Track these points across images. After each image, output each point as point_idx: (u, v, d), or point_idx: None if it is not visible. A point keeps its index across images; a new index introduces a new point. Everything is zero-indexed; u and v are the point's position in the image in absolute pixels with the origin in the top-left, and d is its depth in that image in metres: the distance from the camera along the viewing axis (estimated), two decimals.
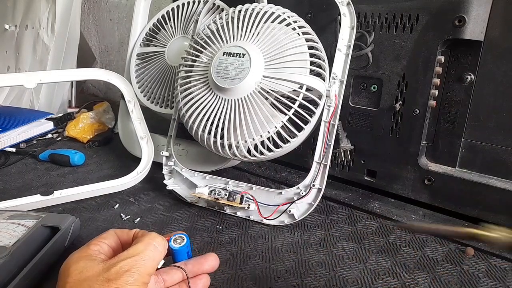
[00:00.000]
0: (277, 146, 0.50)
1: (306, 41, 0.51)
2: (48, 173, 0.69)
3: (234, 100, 0.49)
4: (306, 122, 0.50)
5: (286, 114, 0.49)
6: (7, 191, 0.61)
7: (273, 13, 0.51)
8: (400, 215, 0.53)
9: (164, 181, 0.58)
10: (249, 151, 0.50)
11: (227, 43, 0.52)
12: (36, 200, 0.54)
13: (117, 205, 0.56)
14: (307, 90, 0.48)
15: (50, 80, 0.69)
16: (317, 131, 0.51)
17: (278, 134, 0.50)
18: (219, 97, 0.50)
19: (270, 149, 0.50)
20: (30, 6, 1.09)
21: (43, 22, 1.05)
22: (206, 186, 0.53)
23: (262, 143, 0.50)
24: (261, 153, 0.50)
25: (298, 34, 0.51)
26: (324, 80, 0.51)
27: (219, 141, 0.51)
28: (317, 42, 0.52)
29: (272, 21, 0.51)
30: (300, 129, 0.50)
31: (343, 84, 0.51)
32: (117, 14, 1.30)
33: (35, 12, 1.07)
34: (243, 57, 0.49)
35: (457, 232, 0.24)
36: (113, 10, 1.30)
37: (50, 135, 0.88)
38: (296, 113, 0.49)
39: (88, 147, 0.82)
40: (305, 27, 0.52)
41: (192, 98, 0.53)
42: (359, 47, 0.53)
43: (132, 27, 0.77)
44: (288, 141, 0.50)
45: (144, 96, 0.72)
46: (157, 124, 0.72)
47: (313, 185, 0.50)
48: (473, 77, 0.49)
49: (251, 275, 0.41)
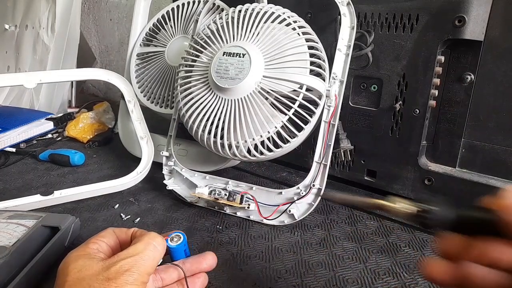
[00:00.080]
0: (277, 146, 0.50)
1: (306, 41, 0.51)
2: (48, 173, 0.69)
3: (234, 100, 0.49)
4: (306, 122, 0.50)
5: (286, 114, 0.49)
6: (7, 191, 0.61)
7: (273, 13, 0.51)
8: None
9: (164, 181, 0.58)
10: (249, 151, 0.50)
11: (227, 43, 0.52)
12: (36, 200, 0.54)
13: (117, 205, 0.56)
14: (307, 90, 0.48)
15: (50, 80, 0.69)
16: (317, 131, 0.51)
17: (278, 134, 0.50)
18: (219, 97, 0.50)
19: (270, 149, 0.50)
20: (30, 6, 1.09)
21: (43, 22, 1.04)
22: (206, 186, 0.53)
23: (262, 143, 0.50)
24: (261, 153, 0.50)
25: (298, 34, 0.51)
26: (324, 80, 0.51)
27: (219, 141, 0.51)
28: (317, 42, 0.52)
29: (272, 21, 0.51)
30: (300, 129, 0.50)
31: (343, 84, 0.51)
32: (117, 14, 1.30)
33: (35, 12, 1.07)
34: (243, 57, 0.49)
35: (367, 203, 0.26)
36: (113, 10, 1.30)
37: (50, 135, 0.88)
38: (296, 113, 0.49)
39: (88, 147, 0.81)
40: (305, 27, 0.52)
41: (192, 98, 0.53)
42: (359, 47, 0.53)
43: (132, 27, 0.77)
44: (288, 141, 0.50)
45: (144, 96, 0.72)
46: (157, 124, 0.72)
47: (313, 185, 0.50)
48: (473, 77, 0.49)
49: (251, 275, 0.41)
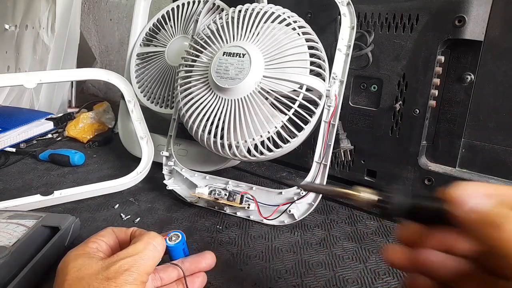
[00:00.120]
0: (277, 146, 0.50)
1: (306, 41, 0.51)
2: (48, 173, 0.69)
3: (234, 100, 0.49)
4: (306, 122, 0.50)
5: (286, 114, 0.49)
6: (7, 191, 0.61)
7: (273, 13, 0.51)
8: None
9: (164, 181, 0.58)
10: (249, 151, 0.50)
11: (227, 43, 0.52)
12: (36, 200, 0.54)
13: (117, 205, 0.56)
14: (307, 90, 0.48)
15: (50, 80, 0.69)
16: (317, 131, 0.51)
17: (278, 134, 0.50)
18: (219, 97, 0.50)
19: (270, 149, 0.50)
20: (30, 6, 1.09)
21: (43, 22, 1.05)
22: (206, 186, 0.53)
23: (262, 143, 0.50)
24: (261, 153, 0.50)
25: (298, 34, 0.51)
26: (324, 80, 0.51)
27: (219, 141, 0.51)
28: (317, 42, 0.52)
29: (272, 21, 0.51)
30: (300, 129, 0.50)
31: (343, 84, 0.51)
32: (117, 14, 1.30)
33: (35, 12, 1.07)
34: (243, 57, 0.49)
35: (334, 191, 0.28)
36: (113, 10, 1.30)
37: (50, 135, 0.88)
38: (296, 113, 0.49)
39: (88, 147, 0.82)
40: (305, 27, 0.52)
41: (192, 98, 0.53)
42: (359, 47, 0.53)
43: (132, 27, 0.77)
44: (288, 141, 0.50)
45: (144, 96, 0.72)
46: (157, 124, 0.72)
47: None
48: (473, 77, 0.49)
49: (251, 275, 0.41)
